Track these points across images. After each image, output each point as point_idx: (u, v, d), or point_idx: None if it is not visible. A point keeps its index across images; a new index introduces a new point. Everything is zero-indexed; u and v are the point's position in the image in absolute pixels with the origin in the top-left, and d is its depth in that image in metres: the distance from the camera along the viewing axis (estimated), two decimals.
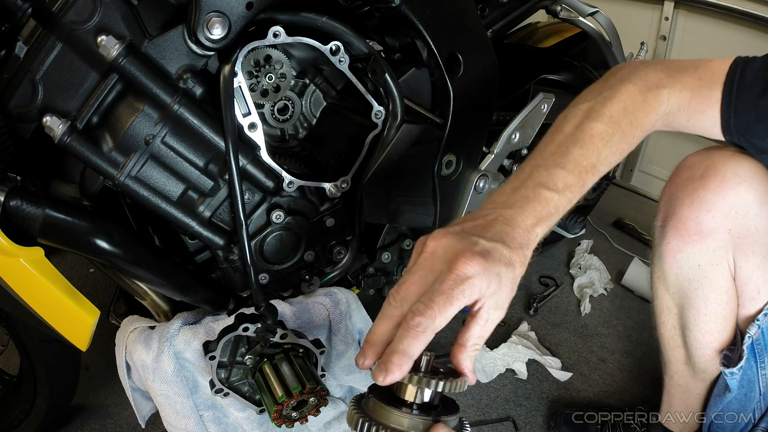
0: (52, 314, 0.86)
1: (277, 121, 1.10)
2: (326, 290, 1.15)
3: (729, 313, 0.93)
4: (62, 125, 0.78)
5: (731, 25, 2.10)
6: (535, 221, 0.65)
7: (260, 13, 0.86)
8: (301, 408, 1.01)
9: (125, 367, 1.10)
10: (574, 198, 0.71)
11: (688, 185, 0.88)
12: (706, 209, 0.86)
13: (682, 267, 0.92)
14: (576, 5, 1.43)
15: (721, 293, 0.92)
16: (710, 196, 0.85)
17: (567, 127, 0.76)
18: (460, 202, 1.24)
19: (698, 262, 0.90)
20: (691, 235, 0.88)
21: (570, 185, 0.70)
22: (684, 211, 0.88)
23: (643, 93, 0.81)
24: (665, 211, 0.93)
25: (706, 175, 0.86)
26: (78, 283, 0.94)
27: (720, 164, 0.86)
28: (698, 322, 0.95)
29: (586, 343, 1.61)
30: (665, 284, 0.98)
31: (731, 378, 0.93)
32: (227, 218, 0.96)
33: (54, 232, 0.84)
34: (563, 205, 0.69)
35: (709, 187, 0.85)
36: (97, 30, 0.78)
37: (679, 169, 0.92)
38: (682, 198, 0.89)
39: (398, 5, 0.95)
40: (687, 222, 0.88)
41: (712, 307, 0.93)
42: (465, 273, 0.56)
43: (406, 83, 1.05)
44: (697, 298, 0.94)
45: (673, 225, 0.90)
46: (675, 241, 0.91)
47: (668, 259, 0.93)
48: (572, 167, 0.71)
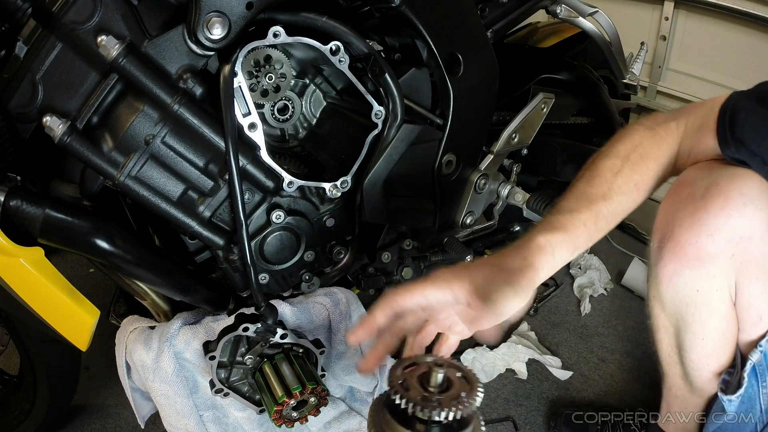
0: (52, 314, 0.86)
1: (277, 121, 1.10)
2: (326, 290, 1.15)
3: (728, 337, 0.88)
4: (62, 125, 0.78)
5: (731, 25, 2.10)
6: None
7: (260, 13, 0.86)
8: (301, 408, 1.01)
9: (125, 367, 1.10)
10: (588, 222, 0.76)
11: (688, 205, 0.80)
12: (707, 233, 0.78)
13: (679, 291, 0.86)
14: (576, 5, 1.43)
15: (719, 319, 0.86)
16: (712, 220, 0.77)
17: (580, 174, 0.82)
18: (460, 202, 1.24)
19: (696, 287, 0.83)
20: (690, 260, 0.81)
21: (575, 209, 0.75)
22: (683, 235, 0.81)
23: (651, 129, 0.85)
24: (663, 232, 0.84)
25: (708, 195, 0.78)
26: (78, 283, 0.94)
27: (724, 183, 0.77)
28: (695, 345, 0.90)
29: (586, 343, 1.61)
30: (661, 304, 0.92)
31: (729, 404, 0.89)
32: (227, 218, 0.96)
33: (54, 232, 0.84)
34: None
35: (712, 209, 0.77)
36: (97, 30, 0.78)
37: (678, 184, 0.84)
38: (682, 219, 0.81)
39: (398, 5, 0.95)
40: (686, 246, 0.81)
41: (709, 332, 0.88)
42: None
43: (406, 83, 1.05)
44: (694, 322, 0.88)
45: (671, 248, 0.83)
46: (672, 265, 0.84)
47: (664, 281, 0.86)
48: (581, 200, 0.76)
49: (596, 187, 0.80)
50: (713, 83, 2.26)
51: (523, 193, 1.28)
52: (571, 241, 0.73)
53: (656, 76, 2.41)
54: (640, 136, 0.85)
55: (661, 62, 2.36)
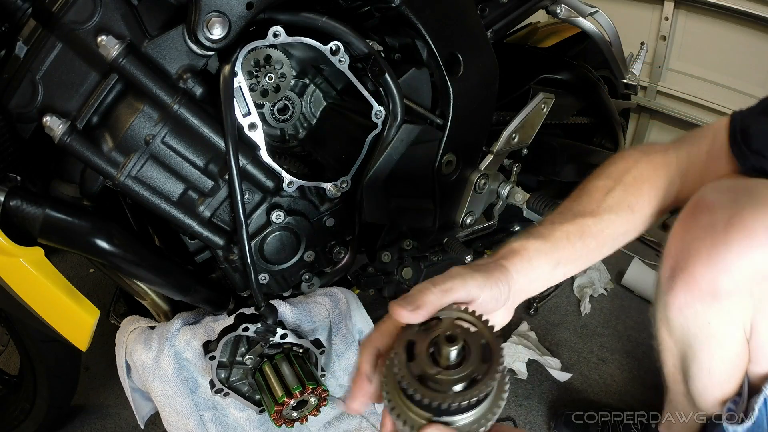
0: (52, 314, 0.86)
1: (277, 121, 1.10)
2: (326, 290, 1.15)
3: (737, 371, 0.83)
4: (62, 125, 0.78)
5: (731, 25, 2.10)
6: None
7: (260, 13, 0.86)
8: (301, 408, 1.01)
9: (125, 367, 1.10)
10: (572, 236, 0.74)
11: (706, 237, 0.72)
12: (726, 270, 0.71)
13: (689, 322, 0.80)
14: (576, 5, 1.43)
15: (729, 353, 0.81)
16: (734, 257, 0.70)
17: (569, 195, 0.80)
18: (460, 202, 1.24)
19: (708, 320, 0.78)
20: (705, 295, 0.75)
21: (557, 221, 0.73)
22: (699, 268, 0.74)
23: (647, 154, 0.83)
24: (675, 260, 0.77)
25: (730, 228, 0.70)
26: (78, 283, 0.94)
27: (749, 215, 0.69)
28: (701, 376, 0.86)
29: (586, 343, 1.61)
30: (668, 329, 0.86)
31: None
32: (227, 218, 0.96)
33: (54, 232, 0.84)
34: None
35: (734, 246, 0.70)
36: (97, 30, 0.78)
37: (695, 207, 0.76)
38: (698, 251, 0.73)
39: (398, 5, 0.95)
40: (701, 281, 0.74)
41: (717, 364, 0.83)
42: None
43: (406, 83, 1.05)
44: (703, 353, 0.83)
45: (684, 280, 0.76)
46: (684, 296, 0.77)
47: (674, 310, 0.80)
48: (565, 214, 0.75)
49: (584, 204, 0.78)
50: (713, 83, 2.26)
51: (523, 193, 1.28)
52: (550, 251, 0.71)
53: (656, 76, 2.41)
54: (635, 160, 0.82)
55: (661, 62, 2.36)
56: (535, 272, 0.70)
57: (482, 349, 0.50)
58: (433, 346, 0.51)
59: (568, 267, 0.74)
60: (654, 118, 2.52)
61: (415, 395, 0.47)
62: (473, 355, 0.50)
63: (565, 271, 0.74)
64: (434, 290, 0.56)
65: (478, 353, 0.50)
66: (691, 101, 2.33)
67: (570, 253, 0.74)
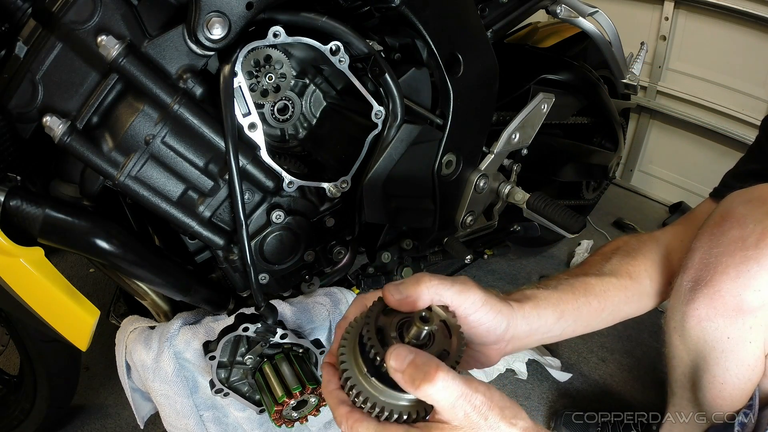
0: (52, 314, 0.86)
1: (277, 121, 1.10)
2: (326, 290, 1.15)
3: (749, 384, 0.81)
4: (62, 125, 0.78)
5: (731, 25, 2.10)
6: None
7: (260, 13, 0.86)
8: (301, 408, 1.01)
9: (125, 367, 1.10)
10: (576, 290, 0.78)
11: (736, 252, 0.71)
12: (754, 288, 0.70)
13: (707, 334, 0.78)
14: (576, 5, 1.43)
15: (745, 367, 0.79)
16: (764, 275, 0.69)
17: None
18: (460, 202, 1.24)
19: (728, 334, 0.76)
20: (728, 310, 0.73)
21: (561, 278, 0.79)
22: (725, 284, 0.72)
23: (636, 237, 0.91)
24: (699, 273, 0.76)
25: (762, 244, 0.69)
26: (78, 283, 0.95)
27: None
28: (712, 386, 0.84)
29: (586, 343, 1.61)
30: (682, 337, 0.83)
31: None
32: (227, 218, 0.96)
33: (54, 232, 0.84)
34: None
35: (765, 263, 0.69)
36: (97, 30, 0.78)
37: (723, 219, 0.75)
38: (726, 266, 0.72)
39: (398, 5, 0.95)
40: (726, 296, 0.73)
41: (731, 378, 0.80)
42: None
43: (406, 83, 1.05)
44: (717, 366, 0.81)
45: (708, 294, 0.74)
46: (705, 310, 0.75)
47: (692, 321, 0.78)
48: (569, 272, 0.81)
49: (586, 268, 0.84)
50: (713, 83, 2.26)
51: (523, 193, 1.28)
52: (556, 302, 0.73)
53: (656, 76, 2.41)
54: (624, 241, 0.92)
55: (661, 62, 2.36)
56: (539, 321, 0.71)
57: (443, 346, 0.52)
58: (405, 321, 0.53)
59: (569, 322, 0.76)
60: (654, 118, 2.52)
61: (368, 345, 0.50)
62: (435, 346, 0.52)
63: (566, 326, 0.76)
64: (430, 285, 0.56)
65: (440, 348, 0.52)
66: (691, 101, 2.34)
67: (573, 307, 0.76)
